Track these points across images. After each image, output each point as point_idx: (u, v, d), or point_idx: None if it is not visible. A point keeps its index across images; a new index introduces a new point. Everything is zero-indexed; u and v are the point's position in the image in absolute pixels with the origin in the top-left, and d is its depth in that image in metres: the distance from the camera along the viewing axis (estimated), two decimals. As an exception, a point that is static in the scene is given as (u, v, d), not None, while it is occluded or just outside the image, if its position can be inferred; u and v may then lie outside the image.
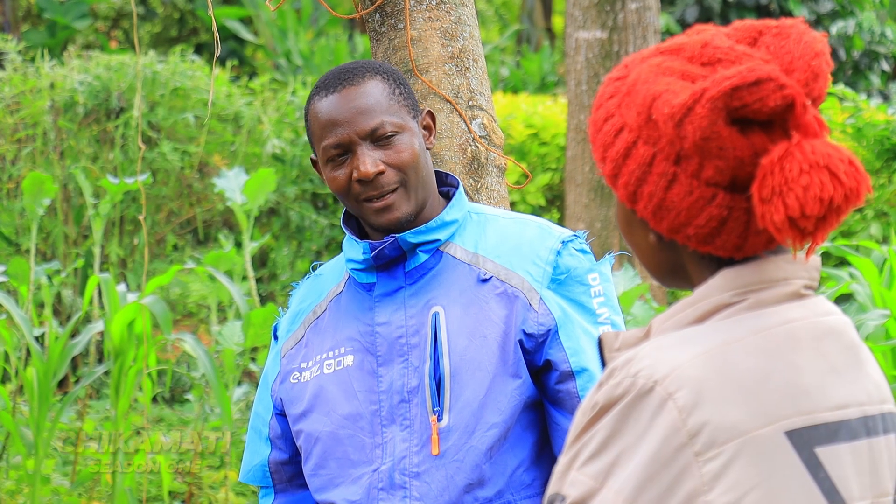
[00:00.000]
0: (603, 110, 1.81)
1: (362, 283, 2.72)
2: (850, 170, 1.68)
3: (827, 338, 1.77)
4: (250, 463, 2.85)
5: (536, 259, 2.68)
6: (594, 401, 1.74)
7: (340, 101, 2.66)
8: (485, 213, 2.76)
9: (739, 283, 1.76)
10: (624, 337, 1.81)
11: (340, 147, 2.66)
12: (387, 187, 2.65)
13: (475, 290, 2.66)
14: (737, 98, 1.68)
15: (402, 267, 2.70)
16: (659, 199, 1.75)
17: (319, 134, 2.68)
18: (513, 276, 2.67)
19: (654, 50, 1.81)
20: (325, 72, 3.83)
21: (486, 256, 2.69)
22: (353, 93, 2.67)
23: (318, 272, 2.86)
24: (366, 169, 2.63)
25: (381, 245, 2.66)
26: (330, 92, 2.68)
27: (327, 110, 2.67)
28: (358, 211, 2.68)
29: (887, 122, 8.07)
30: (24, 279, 6.53)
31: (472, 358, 2.63)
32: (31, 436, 6.00)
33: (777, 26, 1.79)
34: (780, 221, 1.68)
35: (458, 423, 2.62)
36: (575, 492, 1.72)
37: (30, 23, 16.47)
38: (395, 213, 2.65)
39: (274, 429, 2.81)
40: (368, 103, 2.66)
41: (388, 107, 2.67)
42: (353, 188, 2.65)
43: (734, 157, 1.70)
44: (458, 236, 2.72)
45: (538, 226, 2.73)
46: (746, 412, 1.70)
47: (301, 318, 2.81)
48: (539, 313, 2.64)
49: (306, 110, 2.72)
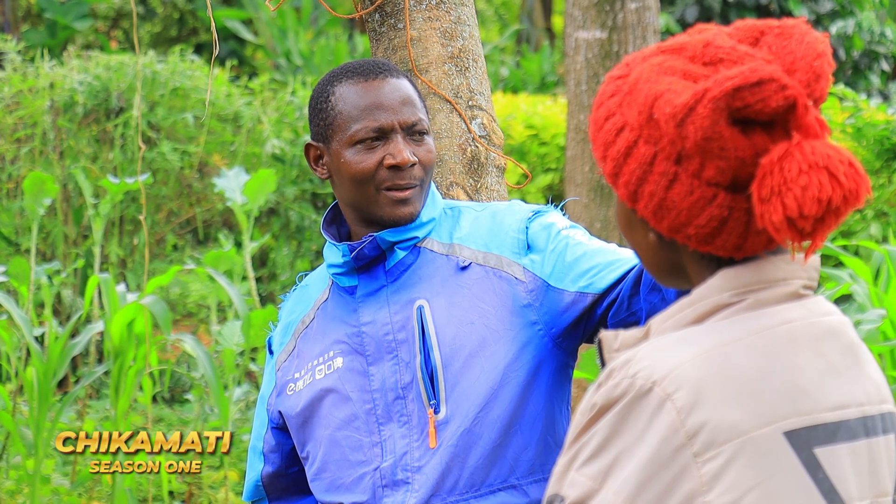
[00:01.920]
0: (604, 109, 1.81)
1: (345, 286, 2.73)
2: (850, 171, 1.68)
3: (826, 338, 1.77)
4: (248, 481, 2.88)
5: (510, 232, 2.69)
6: (593, 401, 1.74)
7: (386, 88, 2.67)
8: (458, 206, 2.78)
9: (738, 283, 1.76)
10: (623, 337, 1.81)
11: (380, 131, 2.66)
12: (413, 181, 2.66)
13: (456, 279, 2.67)
14: (739, 98, 1.68)
15: (383, 266, 2.70)
16: (659, 199, 1.75)
17: (355, 115, 2.67)
18: (490, 256, 2.68)
19: (655, 49, 1.81)
20: (324, 72, 3.81)
21: (463, 244, 2.70)
22: (397, 84, 2.69)
23: (304, 283, 2.86)
24: (405, 157, 2.64)
25: (359, 245, 2.67)
26: (369, 78, 2.68)
27: (372, 93, 2.67)
28: (373, 199, 2.67)
29: (887, 122, 8.06)
30: (24, 279, 6.53)
31: (461, 346, 2.63)
32: (31, 436, 6.00)
33: (779, 26, 1.79)
34: (778, 221, 1.68)
35: (456, 412, 2.62)
36: (574, 492, 1.73)
37: (29, 23, 16.47)
38: (409, 208, 2.67)
39: (268, 442, 2.83)
40: (411, 97, 2.69)
41: (421, 107, 2.70)
42: (378, 174, 2.65)
43: (735, 157, 1.70)
44: (434, 231, 2.73)
45: (508, 205, 2.75)
46: (745, 412, 1.70)
47: (291, 329, 2.81)
48: (526, 282, 2.65)
49: (327, 92, 2.70)
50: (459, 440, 2.62)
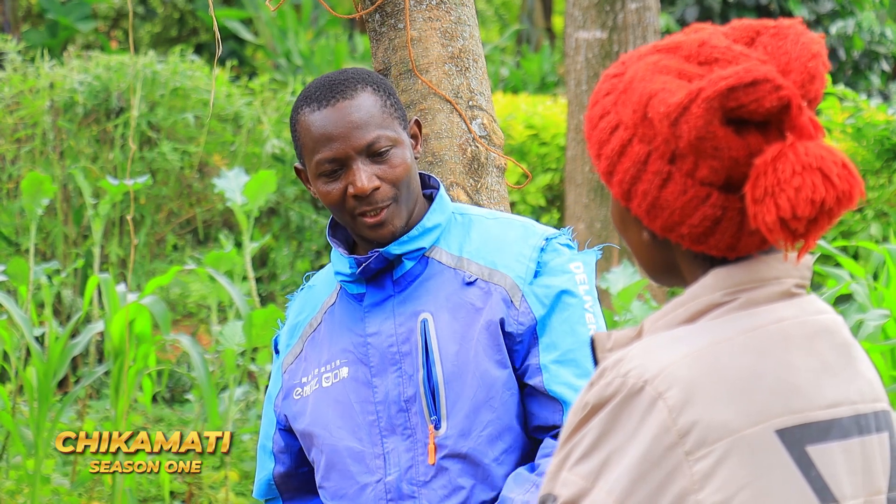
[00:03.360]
0: (599, 107, 1.81)
1: (353, 293, 2.73)
2: (844, 172, 1.68)
3: (819, 336, 1.77)
4: (260, 479, 2.87)
5: (520, 257, 2.68)
6: (585, 400, 1.74)
7: (335, 115, 2.62)
8: (469, 214, 2.76)
9: (730, 282, 1.76)
10: (616, 337, 1.81)
11: (336, 162, 2.63)
12: (381, 203, 2.63)
13: (461, 294, 2.67)
14: (733, 98, 1.68)
15: (390, 276, 2.69)
16: (653, 198, 1.75)
17: (312, 147, 2.64)
18: (496, 274, 2.67)
19: (651, 48, 1.81)
20: (324, 72, 3.82)
21: (471, 259, 2.69)
22: (348, 106, 2.63)
23: (310, 283, 2.85)
24: (362, 185, 2.60)
25: (366, 260, 2.66)
26: (322, 105, 2.63)
27: (321, 124, 2.63)
28: (351, 225, 2.66)
29: (887, 123, 8.06)
30: (24, 279, 6.53)
31: (463, 362, 2.63)
32: (32, 436, 6.00)
33: (775, 26, 1.79)
34: (771, 222, 1.68)
35: (457, 428, 2.63)
36: (566, 492, 1.73)
37: (30, 23, 16.48)
38: (388, 228, 2.64)
39: (277, 443, 2.83)
40: (363, 117, 2.63)
41: (381, 120, 2.64)
42: (347, 203, 2.63)
43: (729, 157, 1.70)
44: (442, 240, 2.72)
45: (522, 225, 2.73)
46: (737, 411, 1.70)
47: (298, 331, 2.81)
48: (520, 311, 2.64)
49: (294, 120, 2.67)
50: (462, 456, 2.63)
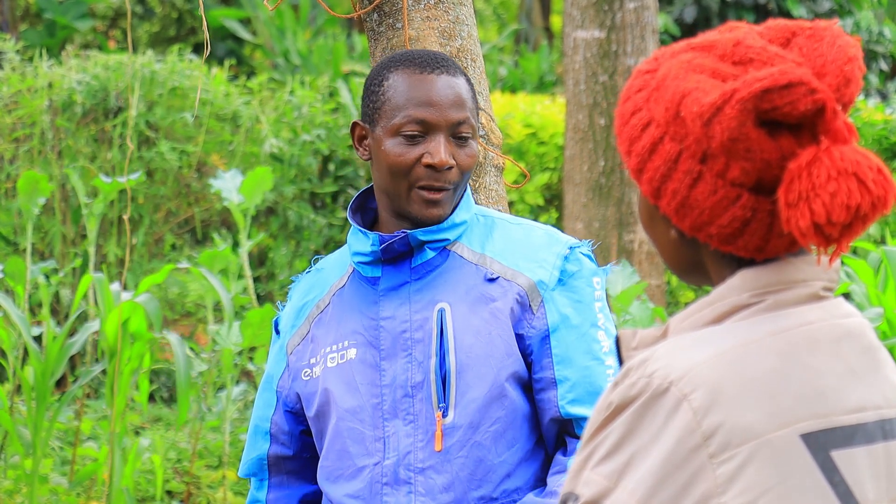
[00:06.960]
0: (630, 103, 1.80)
1: (367, 276, 2.72)
2: (879, 178, 1.67)
3: (845, 340, 1.76)
4: (248, 457, 2.85)
5: (544, 263, 2.69)
6: (609, 400, 1.73)
7: (439, 83, 2.65)
8: (492, 216, 2.77)
9: (758, 284, 1.75)
10: (641, 336, 1.80)
11: (424, 125, 2.64)
12: (447, 183, 2.65)
13: (482, 289, 2.67)
14: (767, 100, 1.66)
15: (409, 262, 2.69)
16: (683, 197, 1.74)
17: (402, 104, 2.65)
18: (519, 276, 2.68)
19: (684, 45, 1.79)
20: (323, 71, 3.82)
21: (493, 258, 2.70)
22: (451, 81, 2.67)
23: (318, 266, 2.85)
24: (442, 157, 2.62)
25: (391, 238, 2.66)
26: (427, 70, 2.66)
27: (425, 86, 2.64)
28: (405, 195, 2.65)
29: (885, 122, 8.06)
30: (21, 279, 6.51)
31: (477, 355, 2.64)
32: (29, 435, 5.98)
33: (811, 28, 1.77)
34: (805, 227, 1.67)
35: (464, 419, 2.63)
36: (588, 491, 1.72)
37: (28, 22, 16.46)
38: (439, 210, 2.66)
39: (277, 424, 2.80)
40: (462, 97, 2.67)
41: (472, 108, 2.68)
42: (415, 170, 2.64)
43: (761, 159, 1.69)
44: (465, 237, 2.72)
45: (545, 231, 2.75)
46: (762, 414, 1.68)
47: (305, 313, 2.80)
48: (536, 316, 2.65)
49: (382, 76, 2.68)
50: (465, 447, 2.63)
